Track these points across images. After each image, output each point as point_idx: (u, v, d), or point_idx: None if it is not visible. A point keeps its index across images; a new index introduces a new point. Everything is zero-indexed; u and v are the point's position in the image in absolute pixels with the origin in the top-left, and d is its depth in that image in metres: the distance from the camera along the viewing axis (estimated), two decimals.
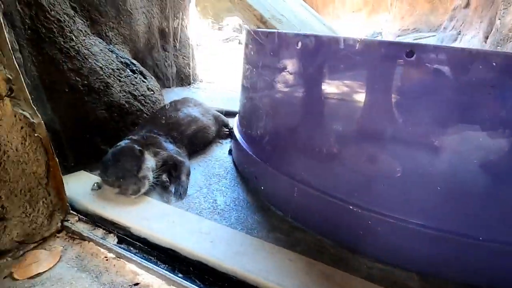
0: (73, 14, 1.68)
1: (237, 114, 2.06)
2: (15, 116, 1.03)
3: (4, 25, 1.01)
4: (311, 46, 1.11)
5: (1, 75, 0.98)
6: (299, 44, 1.20)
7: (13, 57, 1.03)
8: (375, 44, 0.96)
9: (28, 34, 1.29)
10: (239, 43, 10.87)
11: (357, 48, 0.99)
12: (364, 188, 1.12)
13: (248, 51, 1.56)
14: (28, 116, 1.06)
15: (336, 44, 1.03)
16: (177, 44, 3.76)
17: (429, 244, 1.00)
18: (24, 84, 1.07)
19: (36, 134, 1.09)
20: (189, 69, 3.96)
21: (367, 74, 0.99)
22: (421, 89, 0.91)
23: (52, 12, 1.42)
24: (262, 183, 1.54)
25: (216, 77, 4.82)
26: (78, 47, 1.57)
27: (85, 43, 1.67)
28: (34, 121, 1.08)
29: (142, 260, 1.08)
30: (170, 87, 3.63)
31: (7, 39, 1.00)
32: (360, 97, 1.03)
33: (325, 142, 1.18)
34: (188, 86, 3.89)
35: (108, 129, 1.72)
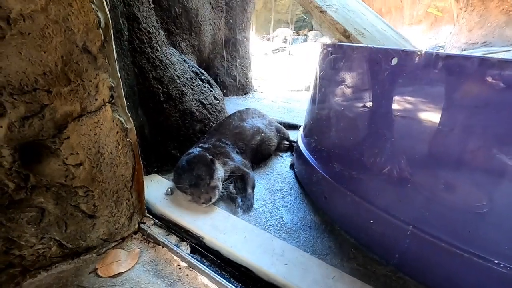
0: (158, 26, 1.79)
1: (302, 128, 2.01)
2: (113, 121, 1.09)
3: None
4: (415, 63, 1.01)
5: (107, 83, 1.05)
6: (394, 60, 1.11)
7: (117, 67, 1.10)
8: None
9: (125, 45, 1.39)
10: (290, 54, 10.93)
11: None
12: (466, 226, 0.97)
13: (326, 65, 1.50)
14: (123, 121, 1.13)
15: (460, 63, 0.92)
16: (237, 55, 3.86)
17: None
18: (123, 92, 1.14)
19: (128, 139, 1.15)
20: (247, 79, 4.04)
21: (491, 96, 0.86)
22: None
23: (144, 24, 1.53)
24: (332, 205, 1.45)
25: (267, 88, 4.87)
26: (161, 57, 1.67)
27: (166, 53, 1.77)
28: (127, 126, 1.14)
29: (214, 274, 1.06)
30: (227, 96, 3.72)
31: (114, 50, 1.07)
32: (475, 123, 0.90)
33: (416, 169, 1.06)
34: (244, 96, 3.96)
35: (179, 135, 1.78)
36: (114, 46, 1.08)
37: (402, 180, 1.09)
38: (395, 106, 1.11)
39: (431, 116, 1.00)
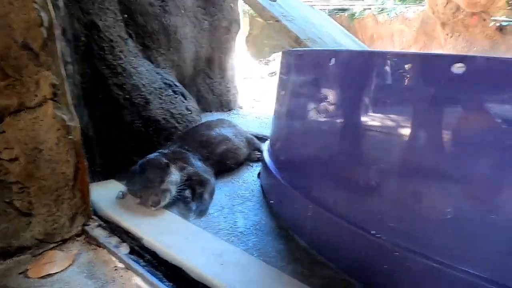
0: (126, 37, 1.86)
1: (269, 138, 2.02)
2: (54, 118, 1.10)
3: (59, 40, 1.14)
4: (354, 63, 1.04)
5: (49, 80, 1.08)
6: (332, 60, 1.14)
7: (62, 66, 1.13)
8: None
9: (81, 50, 1.44)
10: None
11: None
12: (408, 225, 0.94)
13: (280, 74, 1.54)
14: (66, 119, 1.14)
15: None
16: (221, 72, 3.97)
17: None
18: (68, 91, 1.16)
19: (70, 137, 1.15)
20: (230, 96, 4.11)
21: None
22: None
23: (106, 33, 1.59)
24: (286, 208, 1.42)
25: (257, 106, 4.95)
26: (125, 65, 1.72)
27: (133, 62, 1.82)
28: (71, 124, 1.15)
29: (148, 274, 1.02)
30: (210, 112, 3.77)
31: (58, 51, 1.11)
32: (407, 129, 0.91)
33: (360, 172, 1.05)
34: (228, 112, 4.01)
35: (142, 142, 1.79)
36: (59, 46, 1.12)
37: (343, 181, 1.08)
38: (337, 111, 1.12)
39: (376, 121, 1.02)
